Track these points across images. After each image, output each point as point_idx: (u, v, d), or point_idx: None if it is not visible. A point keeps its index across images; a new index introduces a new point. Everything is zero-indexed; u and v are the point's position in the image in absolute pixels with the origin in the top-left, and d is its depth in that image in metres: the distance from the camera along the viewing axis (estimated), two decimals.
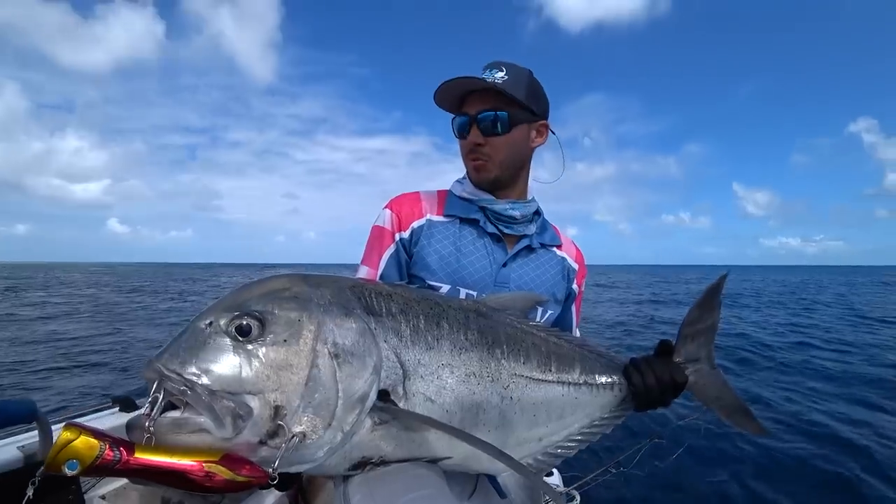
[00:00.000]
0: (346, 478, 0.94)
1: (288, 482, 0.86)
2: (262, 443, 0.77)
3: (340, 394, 0.82)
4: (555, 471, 2.03)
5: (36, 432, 1.22)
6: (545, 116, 1.31)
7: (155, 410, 0.73)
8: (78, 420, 0.71)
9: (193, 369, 0.75)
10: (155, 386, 0.74)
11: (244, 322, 0.80)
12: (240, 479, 0.72)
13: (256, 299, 0.84)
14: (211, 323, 0.80)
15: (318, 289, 0.90)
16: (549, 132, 1.34)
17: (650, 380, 1.08)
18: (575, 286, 1.41)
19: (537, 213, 1.37)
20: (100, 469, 0.66)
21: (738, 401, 1.19)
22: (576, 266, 1.41)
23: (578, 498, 1.55)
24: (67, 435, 0.66)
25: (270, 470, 0.76)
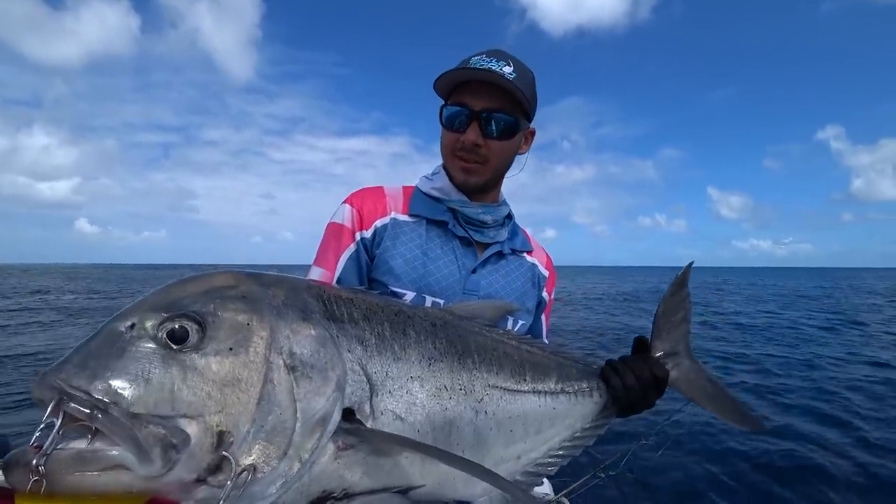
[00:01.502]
0: None
1: None
2: (199, 480, 0.61)
3: (298, 414, 0.67)
4: (544, 479, 1.99)
5: None
6: (531, 121, 1.21)
7: (49, 442, 0.54)
8: None
9: (107, 385, 0.58)
10: (50, 409, 0.56)
11: (178, 325, 0.64)
12: None
13: (194, 297, 0.68)
14: (133, 325, 0.63)
15: (270, 288, 0.75)
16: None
17: (629, 380, 1.02)
18: (545, 294, 1.32)
19: (509, 216, 1.28)
20: None
21: (727, 393, 1.14)
22: (546, 273, 1.33)
23: None
24: None
25: None
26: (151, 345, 0.62)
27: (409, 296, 1.09)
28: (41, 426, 0.56)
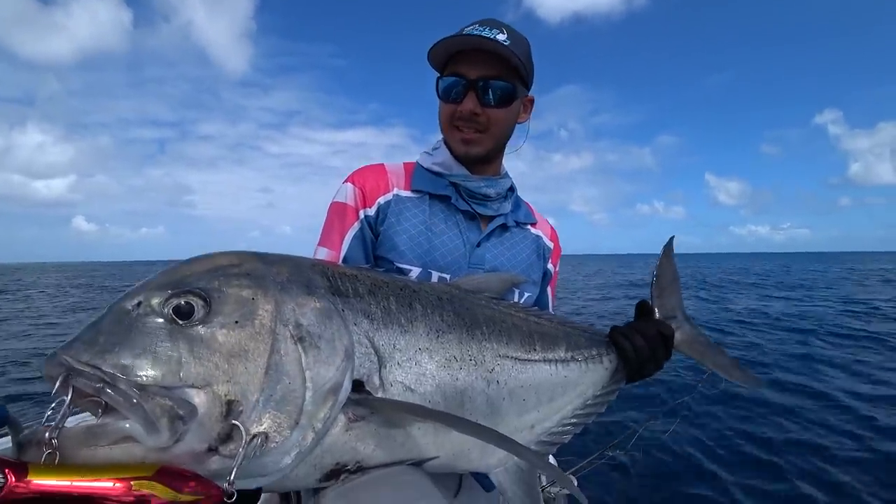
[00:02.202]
0: (316, 491, 0.78)
1: (249, 500, 0.69)
2: (211, 450, 0.60)
3: (308, 384, 0.67)
4: (550, 456, 1.98)
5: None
6: (529, 89, 1.19)
7: (61, 416, 0.54)
8: None
9: (116, 359, 0.58)
10: (59, 384, 0.56)
11: (184, 301, 0.64)
12: (183, 498, 0.54)
13: (199, 275, 0.68)
14: (139, 304, 0.63)
15: (274, 266, 0.75)
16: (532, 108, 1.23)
17: (638, 340, 1.04)
18: (550, 266, 1.31)
19: (511, 189, 1.26)
20: None
21: (725, 354, 1.21)
22: (550, 245, 1.32)
23: (576, 482, 1.48)
24: None
25: (226, 484, 0.59)
26: (158, 320, 0.62)
27: (415, 271, 1.08)
28: (52, 403, 0.56)
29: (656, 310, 1.17)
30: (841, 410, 4.98)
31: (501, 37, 1.06)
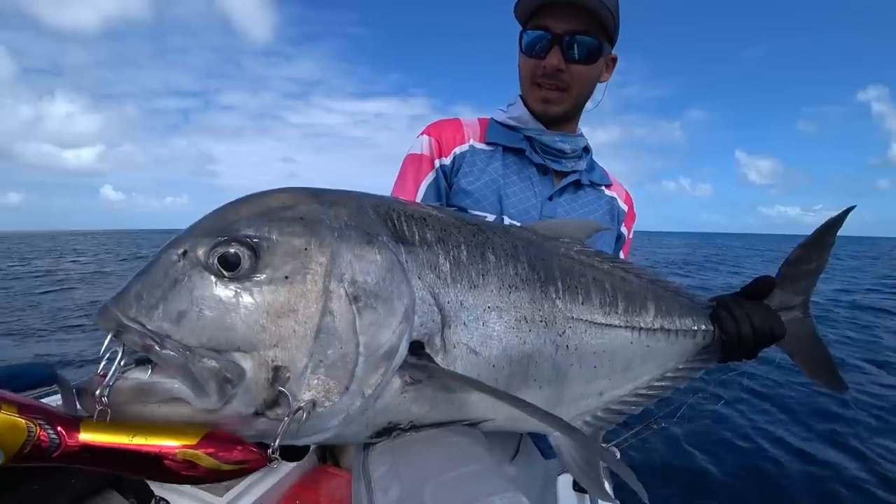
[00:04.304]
0: (366, 444, 0.77)
1: (297, 453, 0.69)
2: (258, 414, 0.58)
3: (361, 348, 0.61)
4: None
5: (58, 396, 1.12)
6: (614, 46, 1.13)
7: (112, 373, 0.53)
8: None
9: (162, 317, 0.55)
10: (108, 340, 0.55)
11: (231, 250, 0.58)
12: (226, 468, 0.53)
13: (247, 220, 0.61)
14: (185, 252, 0.58)
15: (332, 208, 0.66)
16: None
17: (746, 329, 0.89)
18: (624, 229, 1.27)
19: (586, 149, 1.24)
20: (30, 458, 0.48)
21: (828, 356, 1.03)
22: (625, 208, 1.28)
23: (618, 454, 1.47)
24: None
25: (269, 451, 0.57)
26: (203, 273, 0.57)
27: (489, 219, 1.04)
28: (105, 355, 0.54)
29: (777, 294, 0.98)
30: None
31: None
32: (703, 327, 0.95)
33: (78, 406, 0.55)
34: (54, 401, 1.10)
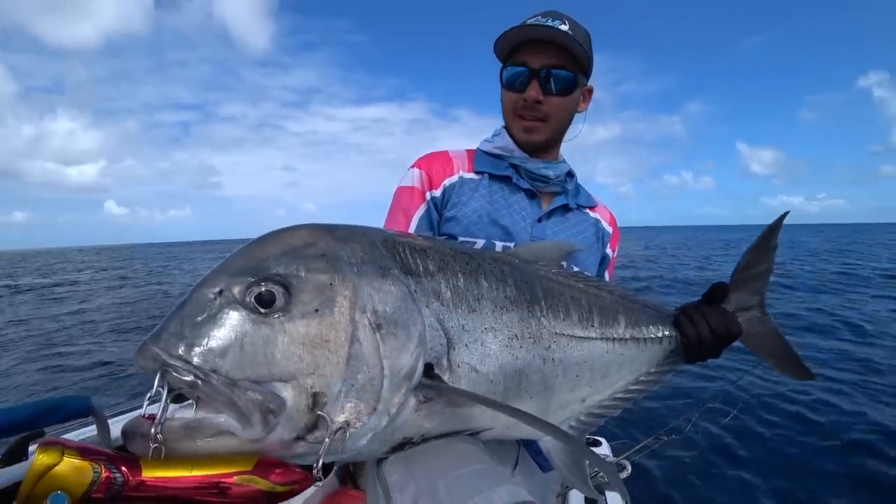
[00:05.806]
0: (379, 459, 0.83)
1: (325, 472, 0.73)
2: (299, 438, 0.63)
3: (386, 371, 0.68)
4: (603, 440, 1.98)
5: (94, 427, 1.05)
6: (588, 79, 1.24)
7: (161, 412, 0.56)
8: (58, 437, 0.53)
9: (204, 354, 0.59)
10: (157, 380, 0.58)
11: (265, 289, 0.63)
12: (279, 489, 0.58)
13: (276, 259, 0.67)
14: (221, 291, 0.63)
15: (347, 244, 0.73)
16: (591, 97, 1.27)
17: (704, 331, 1.00)
18: (609, 250, 1.34)
19: (570, 174, 1.31)
20: (100, 495, 0.50)
21: (790, 349, 1.13)
22: (610, 230, 1.35)
23: (629, 467, 1.48)
24: (45, 458, 0.48)
25: (314, 471, 0.62)
26: (241, 310, 0.62)
27: (479, 243, 1.12)
28: (149, 395, 0.57)
29: (733, 298, 1.09)
30: None
31: (564, 27, 1.09)
32: (668, 333, 1.06)
33: (111, 438, 0.57)
34: (91, 430, 1.06)
